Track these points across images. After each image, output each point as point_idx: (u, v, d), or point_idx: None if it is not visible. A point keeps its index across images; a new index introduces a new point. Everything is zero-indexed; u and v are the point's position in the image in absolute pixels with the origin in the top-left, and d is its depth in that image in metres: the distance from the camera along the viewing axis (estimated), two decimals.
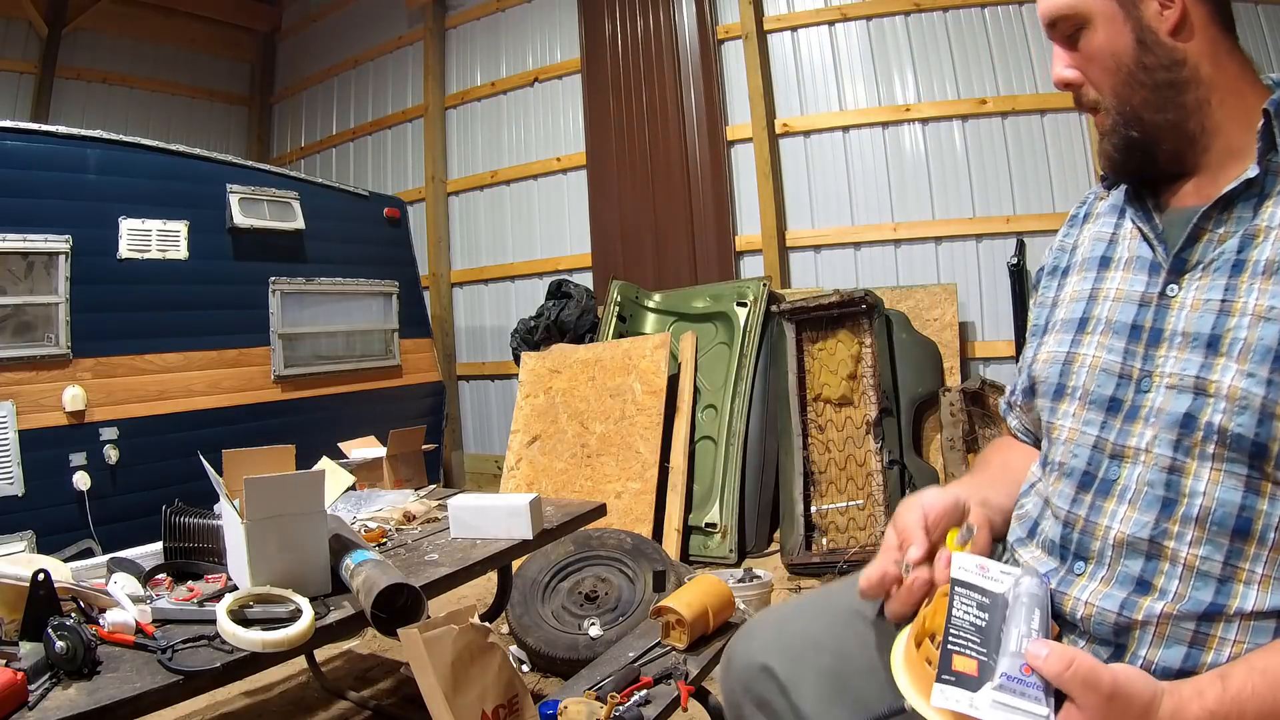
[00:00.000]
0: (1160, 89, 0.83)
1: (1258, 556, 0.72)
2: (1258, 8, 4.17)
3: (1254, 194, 0.79)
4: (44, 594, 1.19)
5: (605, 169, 5.31)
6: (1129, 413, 0.82)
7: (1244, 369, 0.73)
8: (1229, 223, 0.80)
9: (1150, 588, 0.76)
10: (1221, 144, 0.83)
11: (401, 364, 4.78)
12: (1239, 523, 0.73)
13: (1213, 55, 0.82)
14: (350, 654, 2.88)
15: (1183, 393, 0.77)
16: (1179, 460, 0.76)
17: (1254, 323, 0.74)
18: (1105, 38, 0.84)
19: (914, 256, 4.55)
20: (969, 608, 0.76)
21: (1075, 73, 0.88)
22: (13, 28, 5.94)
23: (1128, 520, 0.78)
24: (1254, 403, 0.72)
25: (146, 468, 3.43)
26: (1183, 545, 0.75)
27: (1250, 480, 0.73)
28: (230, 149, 6.75)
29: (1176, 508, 0.76)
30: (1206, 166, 0.84)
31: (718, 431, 3.88)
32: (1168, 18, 0.82)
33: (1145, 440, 0.79)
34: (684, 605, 1.66)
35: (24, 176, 3.19)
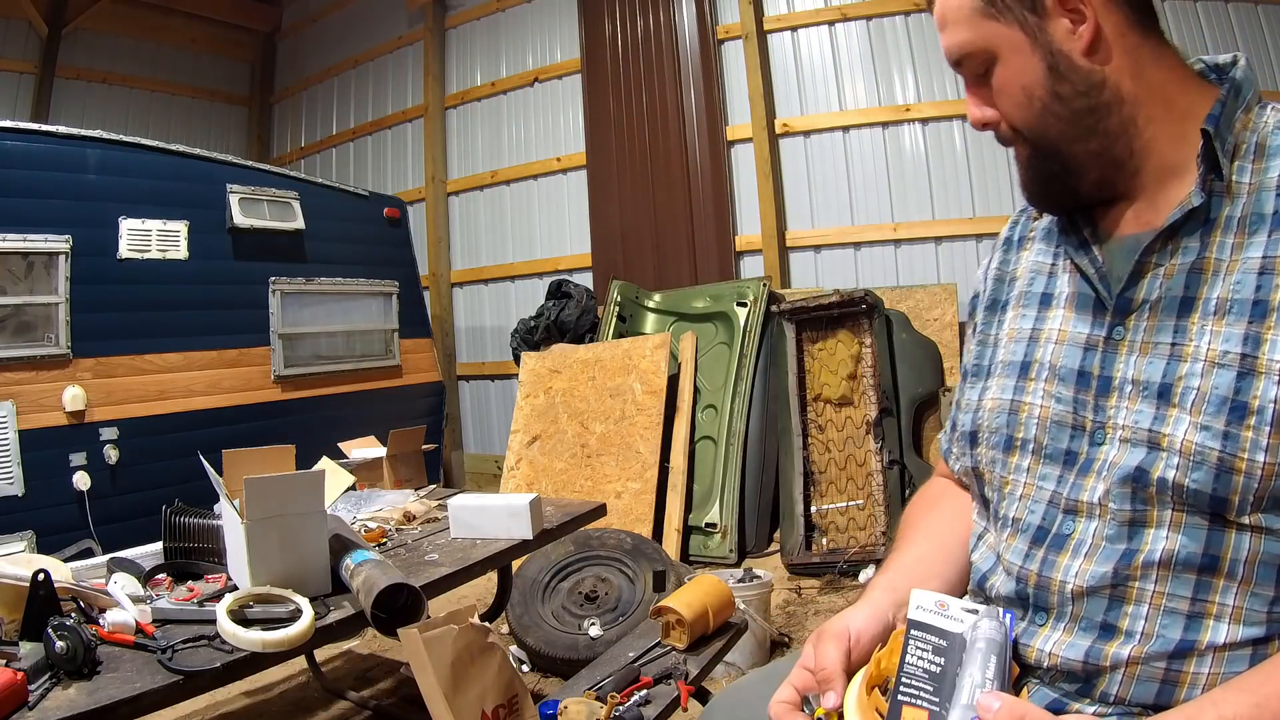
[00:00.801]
0: (1079, 117, 0.76)
1: (1227, 589, 0.68)
2: (1258, 8, 4.17)
3: (1198, 222, 0.73)
4: (44, 594, 1.19)
5: (605, 169, 5.31)
6: (1082, 466, 0.77)
7: (1198, 421, 0.68)
8: (1175, 254, 0.74)
9: (1115, 631, 0.72)
10: (1154, 163, 0.77)
11: (401, 364, 4.78)
12: (1205, 560, 0.69)
13: (1134, 69, 0.75)
14: (350, 654, 2.88)
15: (1136, 446, 0.72)
16: (1139, 511, 0.72)
17: (1207, 369, 0.69)
18: (1013, 70, 0.77)
19: (914, 256, 4.55)
20: (924, 652, 0.72)
21: (991, 111, 0.81)
22: (13, 28, 5.94)
23: (1083, 574, 0.74)
24: (1210, 458, 0.67)
25: (146, 468, 3.44)
26: (1148, 584, 0.71)
27: (1213, 525, 0.69)
28: (230, 149, 6.75)
29: (1136, 556, 0.71)
30: (1141, 188, 0.78)
31: (718, 431, 3.88)
32: (1081, 36, 0.74)
33: (1098, 494, 0.75)
34: (684, 605, 1.66)
35: (24, 176, 3.19)
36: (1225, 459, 0.67)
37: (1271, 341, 0.67)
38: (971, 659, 0.71)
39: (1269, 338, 0.67)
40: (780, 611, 3.00)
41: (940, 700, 0.69)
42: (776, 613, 2.95)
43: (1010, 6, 0.76)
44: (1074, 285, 0.83)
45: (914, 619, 0.75)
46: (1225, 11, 4.18)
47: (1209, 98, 0.76)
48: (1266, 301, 0.68)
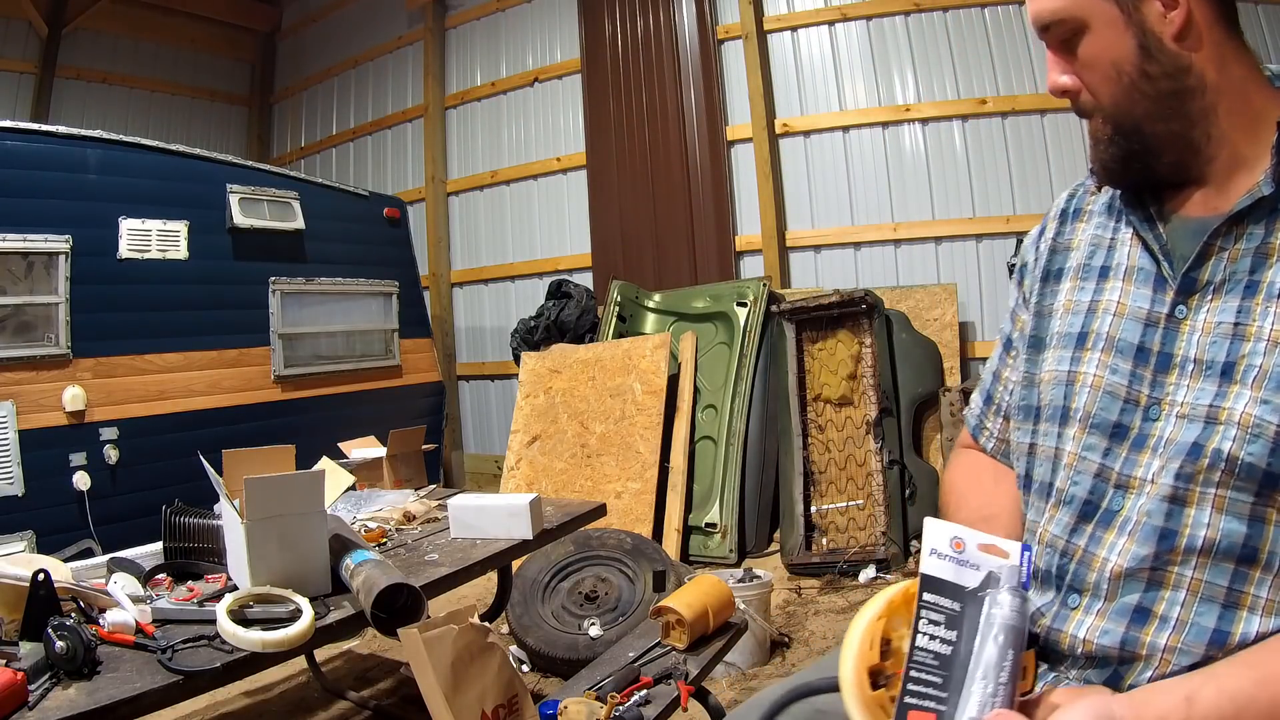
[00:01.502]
0: (1164, 99, 0.77)
1: (1263, 581, 0.70)
2: (1258, 8, 4.17)
3: (1265, 210, 0.75)
4: (44, 594, 1.19)
5: (605, 169, 5.31)
6: (1136, 441, 0.77)
7: (1258, 395, 0.70)
8: (1240, 240, 0.75)
9: (1150, 616, 0.73)
10: (1228, 153, 0.78)
11: (401, 364, 4.78)
12: (1244, 552, 0.70)
13: (1219, 59, 0.77)
14: (350, 654, 2.88)
15: (1194, 422, 0.74)
16: (1181, 489, 0.73)
17: (1270, 348, 0.71)
18: (1105, 44, 0.78)
19: (914, 256, 4.55)
20: (935, 627, 0.66)
21: (1073, 79, 0.82)
22: (13, 28, 5.94)
23: (1125, 553, 0.75)
24: (1267, 431, 0.69)
25: (146, 468, 3.44)
26: (1186, 570, 0.72)
27: (1255, 509, 0.70)
28: (230, 149, 6.76)
29: (1178, 538, 0.72)
30: (1212, 176, 0.79)
31: (718, 431, 3.88)
32: (1172, 21, 0.76)
33: (1153, 471, 0.75)
34: (684, 605, 1.66)
35: (24, 176, 3.19)
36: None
37: None
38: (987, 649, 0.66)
39: None
40: (780, 611, 3.00)
41: (949, 695, 0.65)
42: (776, 613, 2.95)
43: None
44: (1134, 259, 0.84)
45: (927, 574, 0.68)
46: None
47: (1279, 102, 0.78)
48: None
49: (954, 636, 0.66)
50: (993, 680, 0.64)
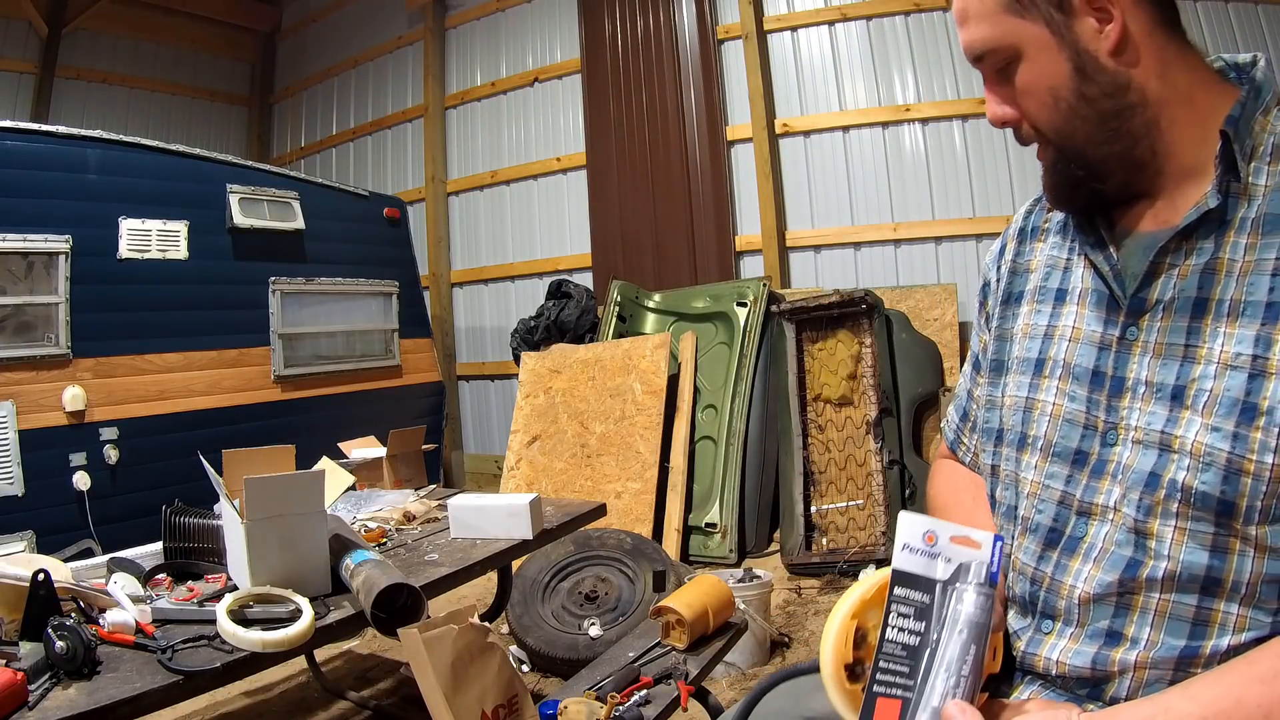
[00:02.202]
0: (1105, 119, 0.75)
1: (1231, 603, 0.69)
2: (1258, 8, 4.17)
3: (1214, 223, 0.72)
4: (44, 594, 1.19)
5: (605, 169, 5.31)
6: (1095, 467, 0.77)
7: (1209, 423, 0.68)
8: (1190, 255, 0.73)
9: (1121, 638, 0.73)
10: (1175, 165, 0.76)
11: (401, 364, 4.78)
12: (1205, 582, 0.69)
13: (1159, 69, 0.74)
14: (350, 654, 2.88)
15: (1149, 448, 0.72)
16: (1141, 521, 0.72)
17: (1220, 371, 0.69)
18: (1040, 69, 0.76)
19: (914, 256, 4.55)
20: (904, 619, 0.70)
21: (1012, 109, 0.80)
22: (13, 28, 5.94)
23: (1091, 580, 0.74)
24: (1219, 459, 0.67)
25: (146, 468, 3.44)
26: (1153, 595, 0.71)
27: (1217, 539, 0.69)
28: (230, 149, 6.76)
29: (1141, 569, 0.72)
30: (1162, 189, 0.77)
31: (718, 431, 3.88)
32: (1108, 35, 0.73)
33: (1114, 498, 0.74)
34: (684, 605, 1.66)
35: (24, 176, 3.19)
36: (1234, 460, 0.67)
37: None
38: (951, 644, 0.69)
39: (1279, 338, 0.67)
40: (780, 611, 3.00)
41: (915, 683, 0.68)
42: (776, 613, 2.95)
43: (1036, 3, 0.75)
44: (1089, 281, 0.82)
45: (899, 568, 0.71)
46: (1225, 12, 4.18)
47: (1229, 98, 0.75)
48: (1279, 304, 0.67)
49: (922, 628, 0.69)
50: (955, 673, 0.68)
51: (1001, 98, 0.80)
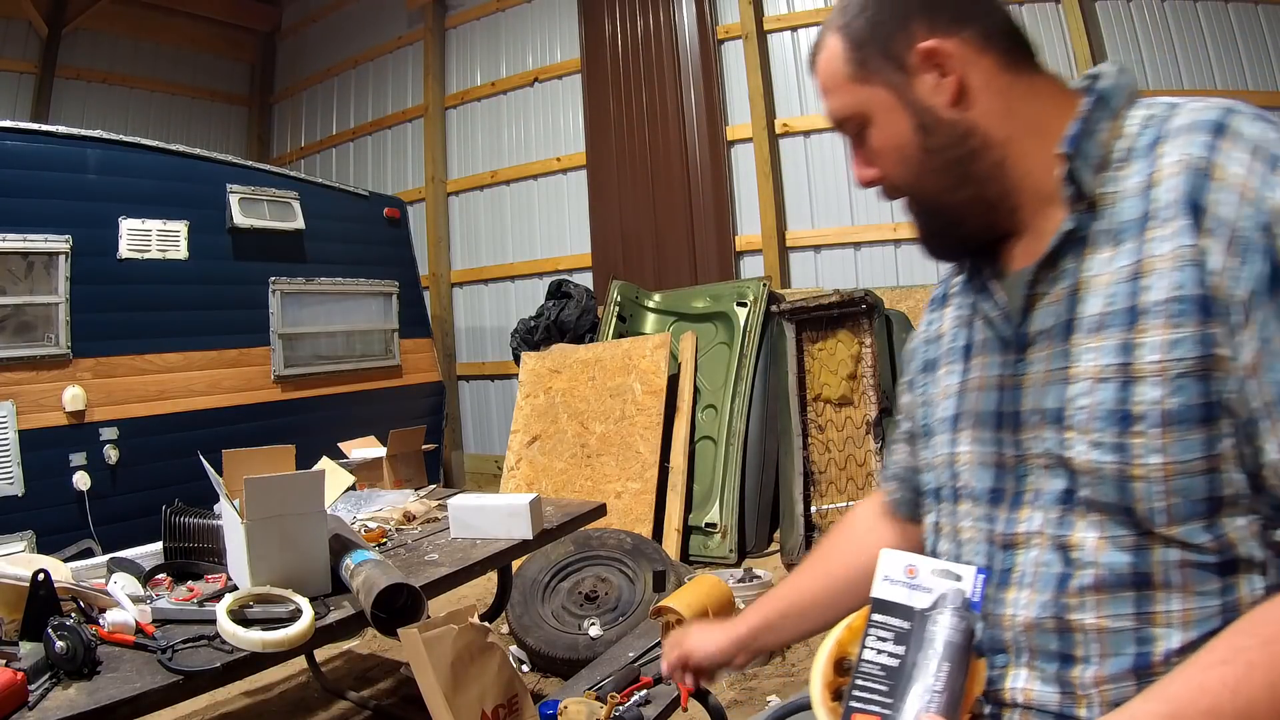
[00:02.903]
0: (950, 167, 0.78)
1: (1168, 598, 0.69)
2: (1258, 8, 4.17)
3: (1076, 243, 0.74)
4: (44, 594, 1.20)
5: (605, 169, 5.31)
6: (1013, 501, 0.79)
7: (1091, 439, 0.70)
8: (1059, 280, 0.75)
9: (1074, 659, 0.73)
10: (1030, 196, 0.77)
11: (401, 364, 4.78)
12: (1136, 581, 0.69)
13: (1003, 109, 0.77)
14: (350, 654, 2.88)
15: (1053, 470, 0.75)
16: (1063, 537, 0.73)
17: (1092, 387, 0.70)
18: (887, 130, 0.80)
19: (914, 256, 4.55)
20: (884, 642, 0.74)
21: (873, 171, 0.84)
22: (13, 28, 5.94)
23: (1030, 604, 0.75)
24: (1107, 470, 0.69)
25: (146, 468, 3.44)
26: (1086, 614, 0.72)
27: (1136, 539, 0.69)
28: (230, 149, 6.76)
29: (1071, 580, 0.73)
30: (1026, 222, 0.79)
31: (718, 431, 3.88)
32: (945, 88, 0.76)
33: (1035, 524, 0.76)
34: (684, 605, 1.65)
35: (24, 176, 3.19)
36: (1123, 469, 0.68)
37: (1142, 345, 0.67)
38: (926, 662, 0.72)
39: (1140, 341, 0.68)
40: None
41: (894, 702, 0.71)
42: None
43: (878, 69, 0.79)
44: (986, 331, 0.85)
45: (878, 596, 0.76)
46: (1225, 12, 4.18)
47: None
48: (1136, 307, 0.68)
49: (902, 652, 0.73)
50: (929, 690, 0.71)
51: (863, 160, 0.85)
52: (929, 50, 0.76)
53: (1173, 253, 0.67)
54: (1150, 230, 0.69)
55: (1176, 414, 0.66)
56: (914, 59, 0.77)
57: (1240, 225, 0.64)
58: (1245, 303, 0.63)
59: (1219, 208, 0.65)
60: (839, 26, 0.82)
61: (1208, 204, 0.66)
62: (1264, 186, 0.64)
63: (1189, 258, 0.66)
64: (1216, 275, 0.64)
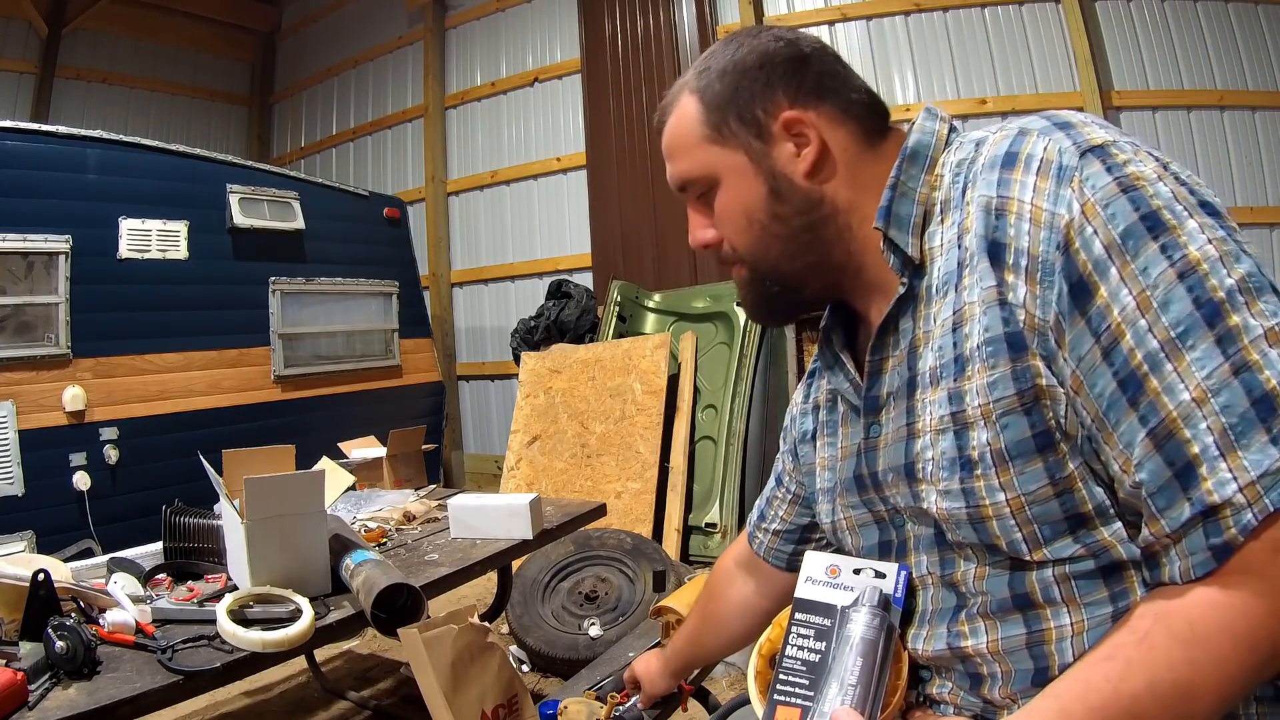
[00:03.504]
0: (796, 234, 0.78)
1: (1057, 612, 0.69)
2: (1258, 8, 4.17)
3: (909, 302, 0.75)
4: (44, 594, 1.20)
5: (605, 169, 5.31)
6: (899, 549, 0.81)
7: (940, 488, 0.72)
8: (900, 340, 0.76)
9: (981, 678, 0.75)
10: (873, 258, 0.78)
11: (401, 364, 4.78)
12: (1019, 602, 0.71)
13: (850, 176, 0.78)
14: (350, 654, 2.88)
15: (921, 519, 0.77)
16: (946, 575, 0.76)
17: (934, 440, 0.72)
18: (735, 194, 0.79)
19: None
20: (805, 639, 0.77)
21: (712, 233, 0.83)
22: (13, 28, 5.94)
23: (930, 638, 0.78)
24: (959, 517, 0.70)
25: (146, 468, 3.44)
26: (980, 640, 0.73)
27: (1012, 564, 0.71)
28: (230, 149, 6.76)
29: (961, 613, 0.75)
30: (870, 284, 0.80)
31: (718, 431, 3.88)
32: (805, 158, 0.77)
33: (924, 568, 0.79)
34: (684, 605, 1.65)
35: (24, 176, 3.19)
36: (973, 512, 0.69)
37: (968, 391, 0.68)
38: (841, 658, 0.76)
39: (966, 388, 0.69)
40: None
41: (814, 695, 0.74)
42: None
43: (736, 132, 0.78)
44: (843, 402, 0.88)
45: (800, 596, 0.80)
46: (1225, 12, 4.18)
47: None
48: (961, 355, 0.69)
49: (823, 647, 0.77)
50: (844, 683, 0.74)
51: (703, 222, 0.84)
52: (791, 120, 0.77)
53: (980, 297, 0.68)
54: (964, 279, 0.70)
55: (1010, 450, 0.66)
56: (775, 127, 0.77)
57: (1036, 251, 0.64)
58: (1055, 325, 0.64)
59: (1017, 240, 0.65)
60: (696, 89, 0.81)
61: (1006, 240, 0.66)
62: (1053, 204, 0.64)
63: (993, 298, 0.67)
64: (1022, 308, 0.65)
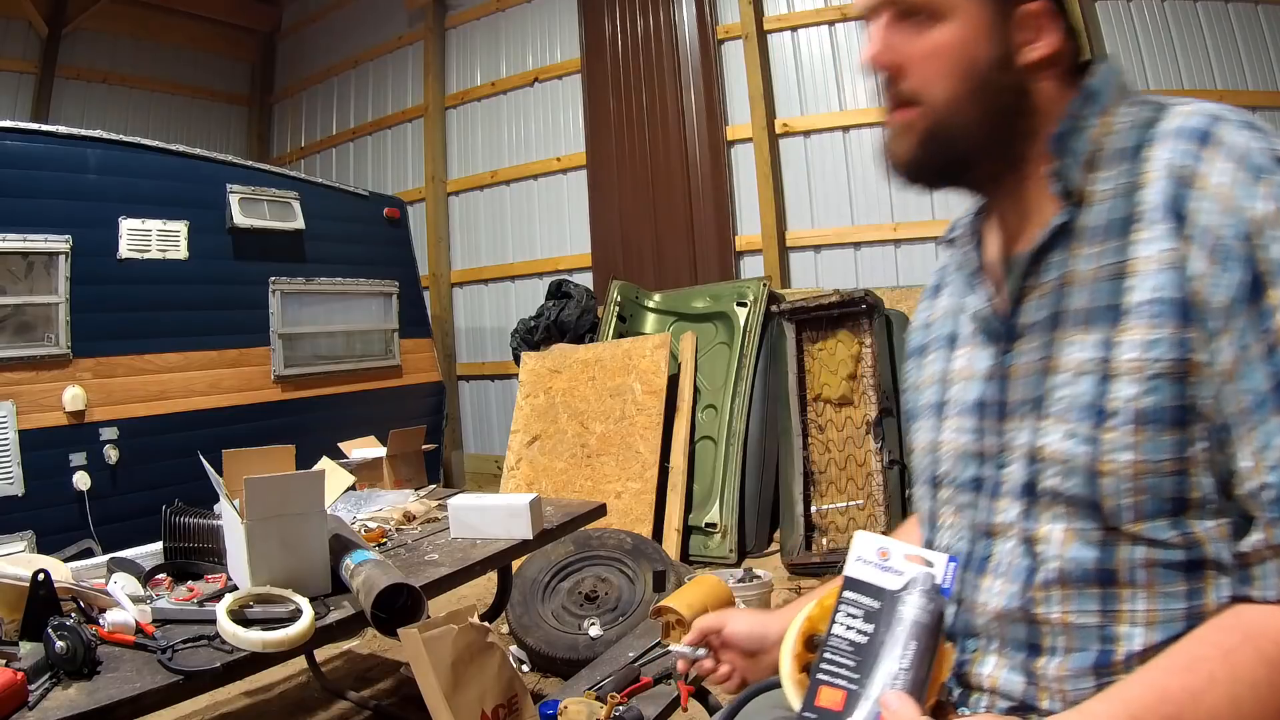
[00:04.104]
0: (996, 112, 0.77)
1: (1133, 597, 0.69)
2: (1258, 8, 4.17)
3: (1065, 235, 0.75)
4: (44, 594, 1.20)
5: (605, 169, 5.31)
6: (992, 490, 0.80)
7: (1067, 429, 0.71)
8: (1049, 271, 0.76)
9: (1040, 650, 0.74)
10: (1038, 180, 0.78)
11: (401, 364, 4.78)
12: (1100, 575, 0.70)
13: (1057, 93, 0.78)
14: (350, 654, 2.88)
15: (1025, 461, 0.76)
16: (1029, 529, 0.75)
17: (1072, 379, 0.71)
18: (960, 38, 0.76)
19: (914, 256, 4.55)
20: (853, 619, 0.74)
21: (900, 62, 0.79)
22: (13, 28, 5.94)
23: (1002, 594, 0.77)
24: (1078, 462, 0.70)
25: (146, 468, 3.43)
26: (1052, 608, 0.73)
27: (1105, 535, 0.70)
28: (230, 149, 6.76)
29: (1036, 575, 0.74)
30: (1025, 202, 0.80)
31: (718, 431, 3.88)
32: (1038, 49, 0.76)
33: (1012, 515, 0.77)
34: (684, 605, 1.65)
35: (24, 176, 3.19)
36: (1092, 463, 0.69)
37: (1121, 343, 0.69)
38: (893, 640, 0.73)
39: (1120, 339, 0.69)
40: None
41: (861, 676, 0.71)
42: None
43: None
44: (973, 321, 0.86)
45: (850, 575, 0.76)
46: (1225, 12, 4.18)
47: None
48: (1119, 306, 0.69)
49: (871, 629, 0.73)
50: (896, 665, 0.71)
51: (891, 45, 0.79)
52: (1042, 10, 0.76)
53: (1156, 255, 0.68)
54: (1135, 232, 0.70)
55: (1149, 413, 0.66)
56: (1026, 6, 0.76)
57: (1221, 233, 0.65)
58: (1224, 310, 0.64)
59: (1200, 215, 0.66)
60: None
61: (1189, 211, 0.67)
62: (1245, 196, 0.65)
63: (1170, 261, 0.67)
64: (1196, 280, 0.65)
